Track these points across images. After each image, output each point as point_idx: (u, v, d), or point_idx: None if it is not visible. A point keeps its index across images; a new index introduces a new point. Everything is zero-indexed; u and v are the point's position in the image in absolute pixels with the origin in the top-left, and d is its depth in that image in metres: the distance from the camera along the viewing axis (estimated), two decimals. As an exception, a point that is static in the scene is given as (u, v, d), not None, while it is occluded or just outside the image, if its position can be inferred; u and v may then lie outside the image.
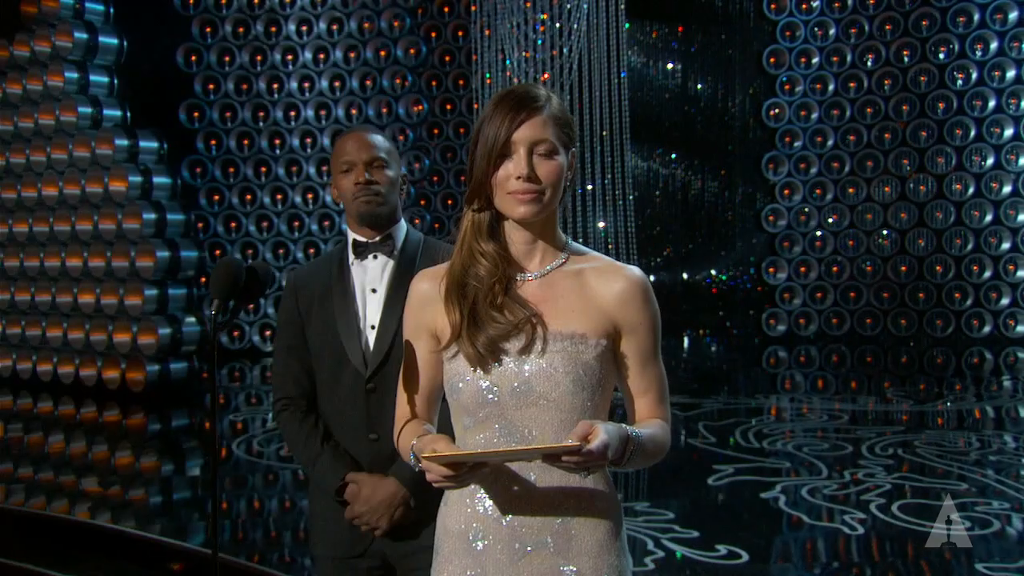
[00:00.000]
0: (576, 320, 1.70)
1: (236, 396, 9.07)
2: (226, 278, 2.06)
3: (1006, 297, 10.47)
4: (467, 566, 1.73)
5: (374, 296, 2.39)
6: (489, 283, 1.72)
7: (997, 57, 10.46)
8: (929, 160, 10.72)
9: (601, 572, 1.70)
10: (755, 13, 11.20)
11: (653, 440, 1.70)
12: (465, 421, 1.74)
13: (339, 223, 11.35)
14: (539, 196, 1.68)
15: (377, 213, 2.36)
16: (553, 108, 1.72)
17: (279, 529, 5.05)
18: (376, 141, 2.39)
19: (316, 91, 11.34)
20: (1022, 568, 4.17)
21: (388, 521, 2.29)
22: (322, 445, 2.39)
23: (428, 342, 1.80)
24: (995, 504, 5.03)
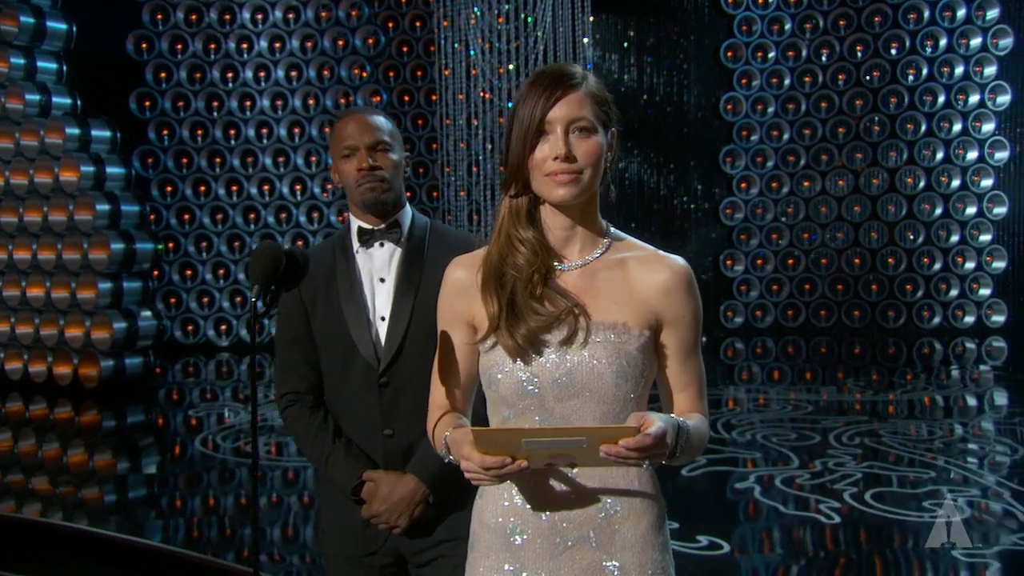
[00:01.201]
0: (619, 310, 1.65)
1: (190, 392, 8.85)
2: (266, 264, 1.96)
3: (955, 289, 10.68)
4: (505, 560, 1.68)
5: (383, 286, 2.28)
6: (528, 272, 1.65)
7: (946, 54, 10.65)
8: (882, 154, 10.87)
9: (645, 567, 1.66)
10: (712, 7, 11.24)
11: (699, 433, 1.65)
12: (504, 412, 1.69)
13: (296, 215, 11.13)
14: (577, 177, 1.62)
15: (383, 200, 2.26)
16: (590, 86, 1.66)
17: (235, 527, 4.93)
18: (379, 123, 2.28)
19: (272, 81, 11.09)
20: (997, 554, 4.23)
21: (408, 519, 2.21)
22: (334, 441, 2.28)
23: (464, 332, 1.74)
24: (967, 491, 5.10)
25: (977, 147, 10.60)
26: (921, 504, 4.87)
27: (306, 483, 5.70)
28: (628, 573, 1.65)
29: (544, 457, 1.55)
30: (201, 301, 11.12)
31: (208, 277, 11.11)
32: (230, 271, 11.11)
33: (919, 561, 4.25)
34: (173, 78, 11.02)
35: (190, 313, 11.08)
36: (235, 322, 11.08)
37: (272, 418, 7.38)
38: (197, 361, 10.40)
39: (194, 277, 11.12)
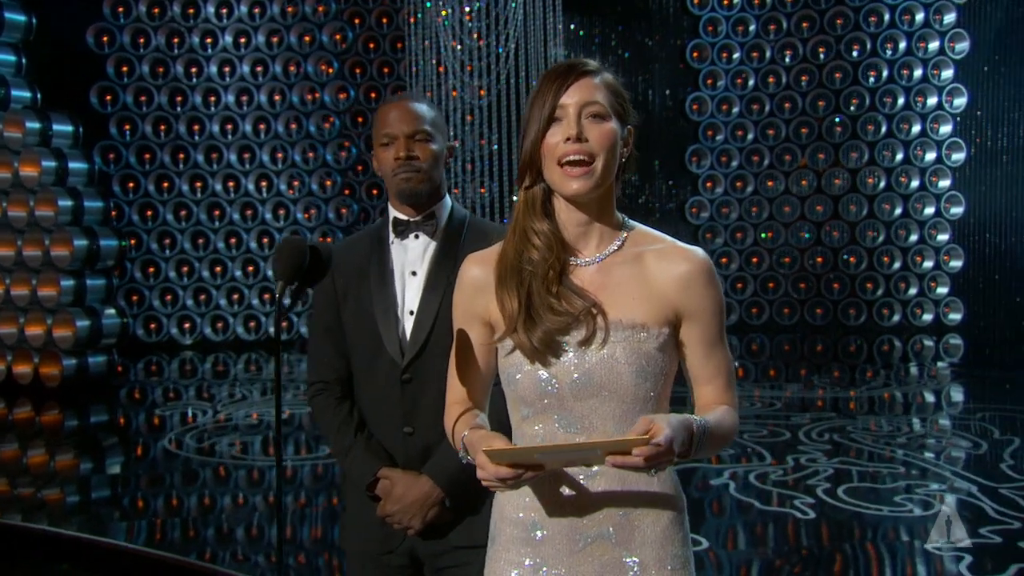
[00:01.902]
0: (637, 309, 1.62)
1: (153, 391, 8.72)
2: (291, 259, 1.91)
3: (914, 287, 10.87)
4: (525, 555, 1.67)
5: (413, 279, 2.23)
6: (544, 268, 1.63)
7: (906, 56, 10.83)
8: (843, 155, 11.03)
9: (665, 563, 1.65)
10: (678, 8, 11.31)
11: (720, 427, 1.63)
12: (523, 411, 1.67)
13: (262, 212, 10.99)
14: (590, 169, 1.59)
15: (418, 191, 2.20)
16: (606, 76, 1.64)
17: (199, 528, 4.85)
18: (420, 111, 2.22)
19: (237, 76, 10.94)
20: (968, 547, 4.30)
21: (421, 521, 2.17)
22: (355, 435, 2.24)
23: (480, 330, 1.73)
24: (934, 486, 5.19)
25: (935, 148, 10.79)
26: (892, 499, 4.95)
27: (270, 483, 5.63)
28: (648, 569, 1.64)
29: (559, 463, 1.58)
30: (164, 299, 10.94)
31: (172, 275, 10.93)
32: (194, 268, 10.94)
33: (892, 555, 4.32)
34: (135, 72, 10.82)
35: (153, 311, 10.89)
36: (199, 320, 10.92)
37: (237, 417, 7.30)
38: (160, 360, 10.23)
39: (157, 274, 10.93)
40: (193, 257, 10.94)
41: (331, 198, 11.13)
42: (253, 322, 10.99)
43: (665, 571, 1.65)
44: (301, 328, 10.94)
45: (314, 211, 11.10)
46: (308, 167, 11.04)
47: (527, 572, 1.67)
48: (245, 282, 10.98)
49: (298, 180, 11.05)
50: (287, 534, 4.69)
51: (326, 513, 5.08)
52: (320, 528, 4.91)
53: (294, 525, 4.89)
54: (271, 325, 10.97)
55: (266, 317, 10.98)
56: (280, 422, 1.88)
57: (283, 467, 2.04)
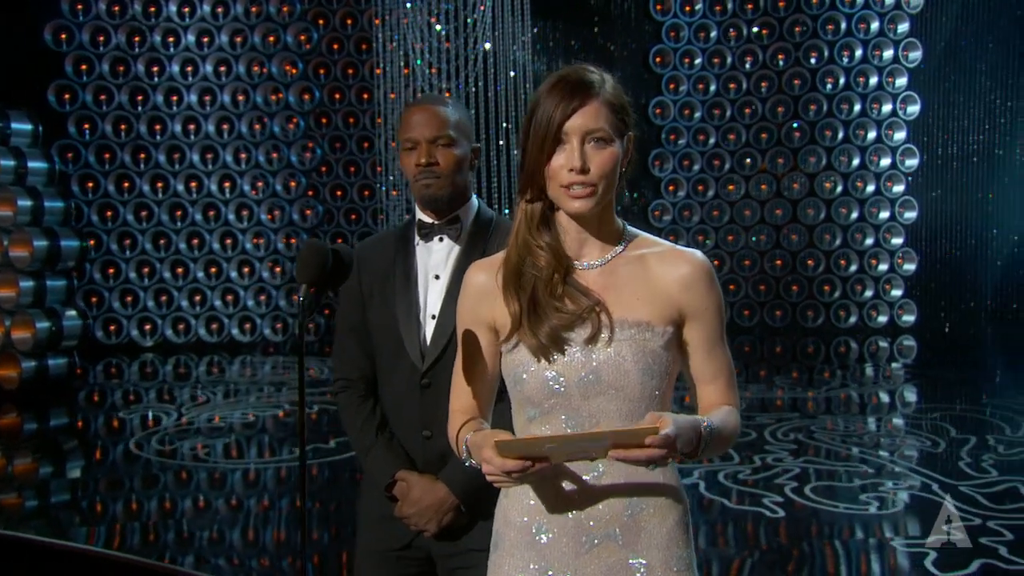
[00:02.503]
0: (641, 308, 1.65)
1: (113, 393, 8.54)
2: (314, 262, 1.88)
3: (869, 290, 11.04)
4: (530, 559, 1.67)
5: (436, 283, 2.22)
6: (548, 273, 1.66)
7: (862, 64, 10.99)
8: (802, 159, 11.16)
9: (670, 564, 1.65)
10: (641, 14, 11.36)
11: (725, 427, 1.65)
12: (529, 412, 1.68)
13: (224, 213, 10.82)
14: (592, 191, 1.62)
15: (437, 197, 2.19)
16: (607, 93, 1.65)
17: (157, 531, 4.78)
18: (444, 115, 2.20)
19: (200, 75, 10.76)
20: (933, 543, 4.35)
21: (436, 525, 2.18)
22: (376, 435, 2.24)
23: (486, 335, 1.74)
24: (895, 483, 5.25)
25: (890, 154, 10.97)
26: (857, 497, 5.00)
27: (232, 486, 5.53)
28: (654, 571, 1.64)
29: (565, 455, 1.57)
30: (124, 300, 10.71)
31: (132, 276, 10.71)
32: (155, 269, 10.74)
33: (862, 552, 4.36)
34: (95, 71, 10.60)
35: (112, 313, 10.66)
36: (160, 322, 10.71)
37: (199, 421, 7.18)
38: (120, 362, 10.02)
39: (117, 275, 10.70)
40: (154, 258, 10.74)
41: (295, 199, 10.99)
42: (215, 324, 10.80)
43: (671, 572, 1.66)
44: (265, 330, 10.80)
45: (278, 212, 10.95)
46: (272, 168, 10.90)
47: None
48: (207, 283, 10.80)
49: (262, 181, 10.89)
50: (250, 537, 4.64)
51: (290, 516, 5.02)
52: (284, 531, 4.83)
53: (257, 528, 4.84)
54: (234, 327, 10.80)
55: (228, 319, 10.80)
56: (304, 424, 1.86)
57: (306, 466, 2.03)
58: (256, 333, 10.77)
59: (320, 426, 7.06)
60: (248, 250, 10.85)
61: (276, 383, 8.79)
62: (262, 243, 10.88)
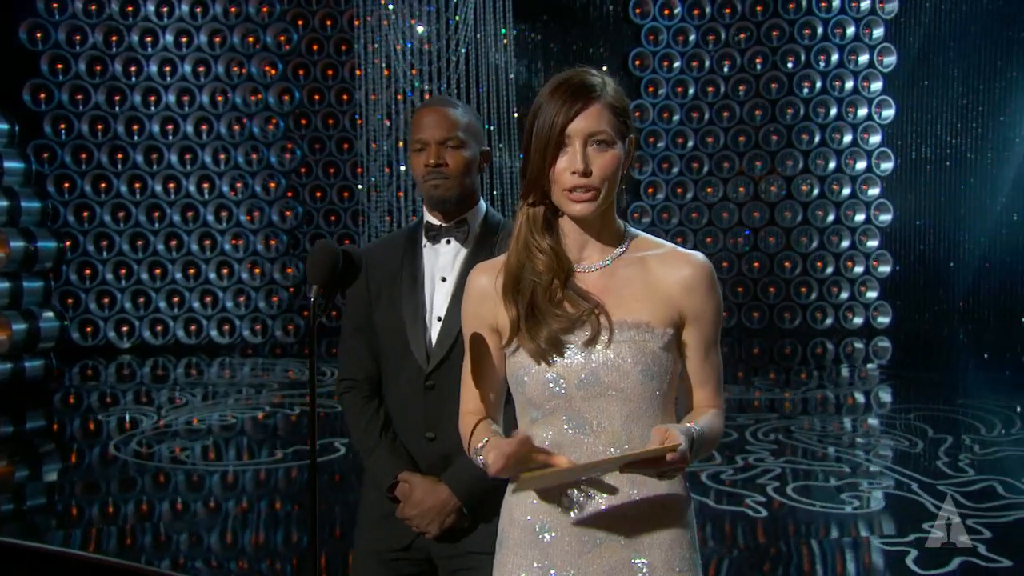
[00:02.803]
0: (641, 309, 1.65)
1: (89, 395, 8.41)
2: (325, 263, 1.87)
3: (845, 292, 11.10)
4: (533, 558, 1.67)
5: (443, 285, 2.23)
6: (548, 279, 1.66)
7: (837, 69, 11.06)
8: (779, 162, 11.21)
9: (673, 565, 1.65)
10: (619, 17, 11.37)
11: (711, 431, 1.66)
12: (532, 414, 1.68)
13: (203, 214, 10.70)
14: (595, 194, 1.63)
15: (446, 198, 2.20)
16: (609, 96, 1.64)
17: (134, 534, 4.72)
18: (454, 117, 2.21)
19: (178, 76, 10.64)
20: (912, 542, 4.37)
21: (438, 527, 2.17)
22: (380, 436, 2.24)
23: (490, 337, 1.74)
24: (875, 483, 5.27)
25: (865, 158, 11.05)
26: (838, 497, 5.01)
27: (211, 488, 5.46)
28: (657, 571, 1.64)
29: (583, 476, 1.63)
30: (101, 302, 10.57)
31: (109, 277, 10.57)
32: (133, 271, 10.60)
33: (844, 551, 4.36)
34: (71, 70, 10.46)
35: (89, 314, 10.51)
36: (137, 324, 10.57)
37: (177, 423, 7.09)
38: (97, 364, 9.88)
39: (94, 277, 10.56)
40: (131, 259, 10.60)
41: (275, 200, 10.89)
42: (194, 326, 10.68)
43: (674, 573, 1.66)
44: (244, 332, 10.69)
45: (257, 213, 10.84)
46: (251, 169, 10.79)
47: (536, 574, 1.67)
48: (185, 285, 10.67)
49: (241, 182, 10.79)
50: (227, 540, 4.58)
51: (268, 519, 4.98)
52: (262, 533, 4.79)
53: (235, 531, 4.79)
54: (212, 328, 10.68)
55: (207, 320, 10.68)
56: (315, 424, 1.84)
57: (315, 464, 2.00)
58: (235, 335, 10.66)
59: (300, 428, 7.00)
60: (227, 251, 10.74)
61: (255, 385, 8.70)
62: (241, 244, 10.77)
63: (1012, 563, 4.21)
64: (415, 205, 9.28)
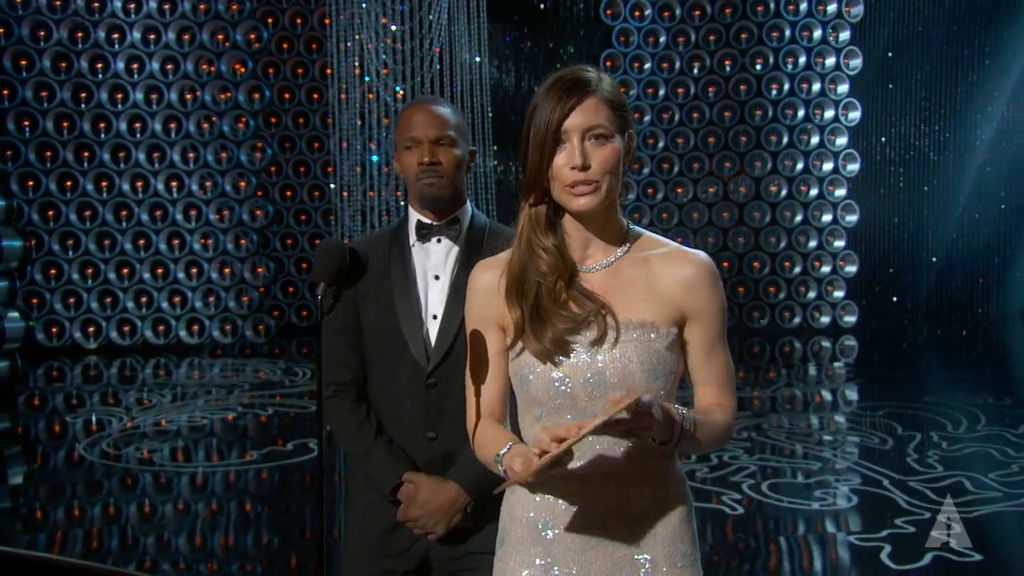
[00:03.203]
0: (645, 309, 1.64)
1: (55, 397, 8.22)
2: (332, 261, 1.86)
3: (812, 291, 11.16)
4: (536, 555, 1.67)
5: (437, 283, 2.20)
6: (552, 279, 1.65)
7: (805, 71, 11.12)
8: (748, 163, 11.24)
9: (675, 560, 1.66)
10: (590, 18, 11.35)
11: (708, 425, 1.63)
12: (536, 411, 1.68)
13: (172, 213, 10.50)
14: (596, 188, 1.61)
15: (440, 196, 2.18)
16: (605, 91, 1.63)
17: (101, 536, 4.63)
18: (445, 116, 2.19)
19: (146, 73, 10.43)
20: (886, 537, 4.38)
21: (445, 527, 2.13)
22: (375, 438, 2.19)
23: (496, 335, 1.73)
24: (847, 479, 5.27)
25: (832, 159, 11.12)
26: (812, 493, 5.00)
27: (180, 492, 5.34)
28: (659, 567, 1.64)
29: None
30: (67, 302, 10.33)
31: (75, 277, 10.34)
32: (100, 270, 10.37)
33: (819, 547, 4.35)
34: (35, 67, 10.21)
35: (55, 315, 10.27)
36: (104, 324, 10.35)
37: (145, 424, 6.95)
38: (62, 365, 9.66)
39: (59, 277, 10.32)
40: (98, 259, 10.38)
41: (245, 199, 10.72)
42: (162, 326, 10.48)
43: (675, 569, 1.65)
44: (214, 332, 10.51)
45: (227, 212, 10.66)
46: (221, 167, 10.61)
47: (538, 571, 1.66)
48: (154, 285, 10.47)
49: (210, 180, 10.60)
50: (196, 542, 4.51)
51: (239, 520, 4.90)
52: (232, 536, 4.72)
53: (204, 533, 4.70)
54: (181, 329, 10.49)
55: (176, 321, 10.49)
56: (322, 426, 1.80)
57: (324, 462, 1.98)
58: (204, 335, 10.48)
59: (270, 428, 6.89)
60: (196, 251, 10.55)
61: (225, 386, 8.55)
62: (211, 243, 10.59)
63: (982, 557, 4.23)
64: (387, 205, 9.17)
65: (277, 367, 9.29)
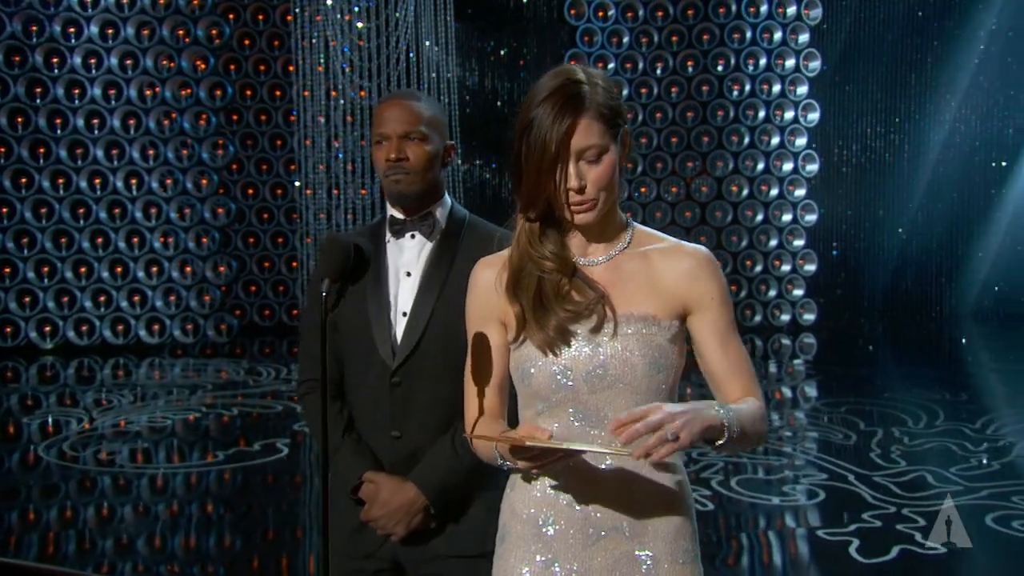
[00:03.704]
0: (646, 302, 1.64)
1: (9, 398, 7.97)
2: (337, 257, 1.77)
3: (773, 290, 11.23)
4: (536, 551, 1.65)
5: (408, 280, 2.14)
6: (556, 277, 1.65)
7: (765, 72, 11.17)
8: (710, 164, 11.27)
9: (676, 556, 1.64)
10: (552, 17, 11.30)
11: (752, 417, 1.58)
12: (538, 406, 1.67)
13: (131, 211, 10.24)
14: (593, 205, 1.61)
15: (406, 193, 2.12)
16: (598, 102, 1.60)
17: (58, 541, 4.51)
18: (417, 110, 2.12)
19: (104, 68, 10.17)
20: (854, 531, 4.38)
21: (405, 528, 2.07)
22: (343, 436, 2.14)
23: (498, 331, 1.71)
24: (814, 475, 5.27)
25: (792, 159, 11.18)
26: (780, 489, 5.00)
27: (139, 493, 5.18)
28: (660, 563, 1.63)
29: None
30: (22, 301, 10.03)
31: (31, 275, 10.04)
32: (56, 269, 10.08)
33: (788, 542, 4.34)
34: (-12, 61, 9.90)
35: (9, 314, 9.97)
36: (61, 324, 10.07)
37: (104, 426, 6.76)
38: (17, 365, 9.37)
39: (14, 275, 10.01)
40: (55, 257, 10.09)
41: (206, 197, 10.49)
42: (121, 325, 10.22)
43: (677, 565, 1.64)
44: (175, 332, 10.27)
45: (188, 210, 10.43)
46: (182, 165, 10.37)
47: (539, 568, 1.65)
48: (112, 284, 10.20)
49: (171, 178, 10.36)
50: (156, 544, 4.42)
51: (200, 522, 4.80)
52: (194, 537, 4.61)
53: (164, 535, 4.60)
54: (141, 328, 10.23)
55: (135, 320, 10.23)
56: (326, 428, 1.73)
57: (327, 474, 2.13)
58: (165, 334, 10.24)
59: (232, 429, 6.74)
60: (156, 249, 10.30)
61: (187, 386, 8.36)
62: (171, 242, 10.35)
63: (946, 550, 4.25)
64: (351, 204, 9.04)
65: (240, 367, 9.11)
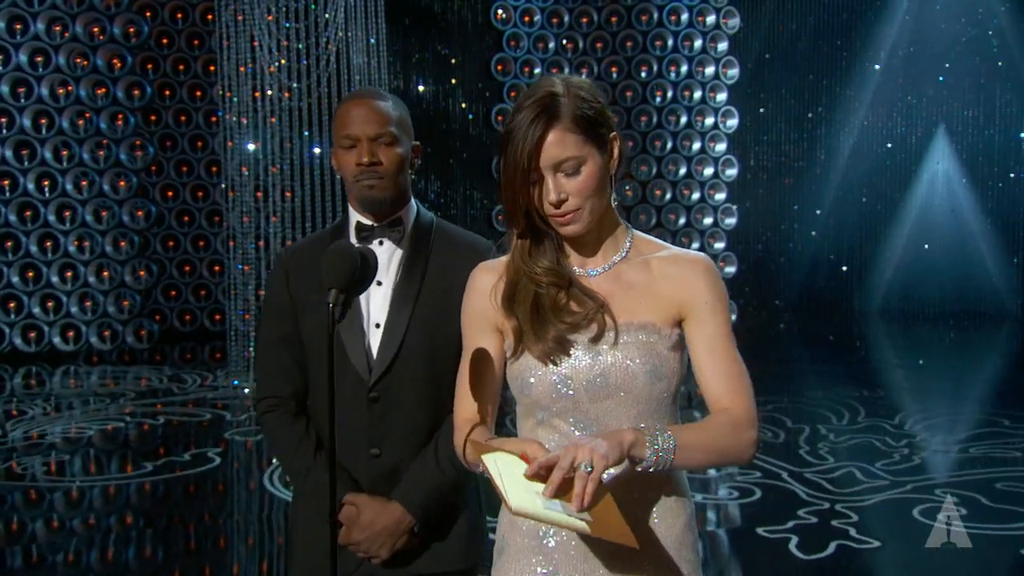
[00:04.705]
0: (647, 310, 1.59)
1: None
2: (344, 266, 1.64)
3: (696, 290, 11.29)
4: (538, 563, 1.60)
5: (379, 289, 1.97)
6: (553, 291, 1.60)
7: (687, 79, 11.24)
8: (635, 168, 11.28)
9: (679, 566, 1.60)
10: (479, 22, 11.16)
11: (716, 431, 1.52)
12: (538, 415, 1.61)
13: (44, 214, 9.67)
14: (577, 216, 1.55)
15: (380, 199, 1.96)
16: (573, 111, 1.52)
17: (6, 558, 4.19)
18: (386, 111, 1.96)
19: (13, 65, 9.58)
20: (792, 528, 4.34)
21: (389, 550, 1.93)
22: (315, 456, 1.98)
23: (494, 338, 1.64)
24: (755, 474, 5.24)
25: (712, 164, 11.28)
26: (718, 488, 4.94)
27: (54, 507, 4.84)
28: (663, 573, 1.59)
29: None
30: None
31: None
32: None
33: (728, 540, 4.27)
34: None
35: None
36: (8, 331, 9.43)
37: (53, 434, 6.35)
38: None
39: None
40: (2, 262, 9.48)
41: (124, 200, 9.98)
42: (33, 332, 9.63)
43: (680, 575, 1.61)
44: (91, 338, 9.74)
45: (105, 213, 9.90)
46: (98, 166, 9.85)
47: None
48: (24, 289, 9.61)
49: (86, 180, 9.83)
50: (70, 559, 4.20)
51: (119, 536, 4.57)
52: (112, 551, 4.40)
53: (80, 551, 4.37)
54: (55, 335, 9.66)
55: (49, 327, 9.65)
56: (333, 440, 1.58)
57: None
58: (81, 341, 9.69)
59: (153, 438, 6.39)
60: (71, 253, 9.75)
61: (104, 394, 7.90)
62: (87, 246, 9.81)
63: (880, 543, 4.26)
64: (275, 206, 8.69)
65: (162, 374, 8.69)
